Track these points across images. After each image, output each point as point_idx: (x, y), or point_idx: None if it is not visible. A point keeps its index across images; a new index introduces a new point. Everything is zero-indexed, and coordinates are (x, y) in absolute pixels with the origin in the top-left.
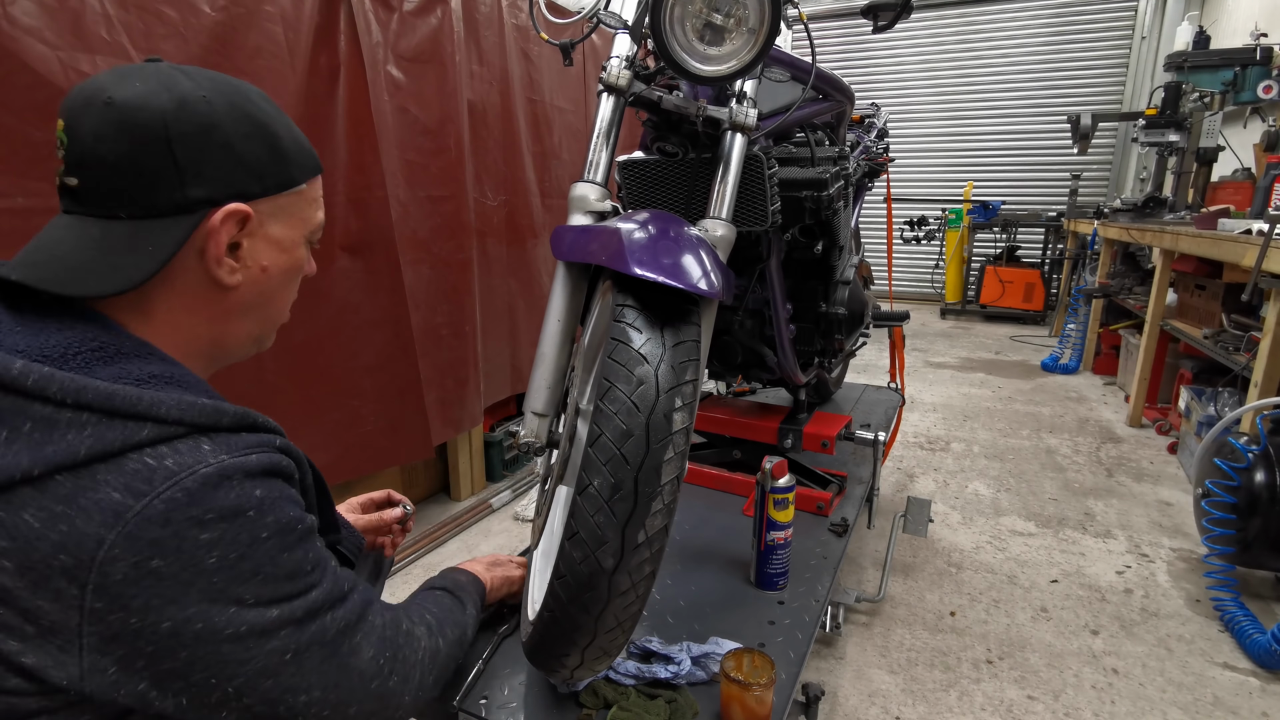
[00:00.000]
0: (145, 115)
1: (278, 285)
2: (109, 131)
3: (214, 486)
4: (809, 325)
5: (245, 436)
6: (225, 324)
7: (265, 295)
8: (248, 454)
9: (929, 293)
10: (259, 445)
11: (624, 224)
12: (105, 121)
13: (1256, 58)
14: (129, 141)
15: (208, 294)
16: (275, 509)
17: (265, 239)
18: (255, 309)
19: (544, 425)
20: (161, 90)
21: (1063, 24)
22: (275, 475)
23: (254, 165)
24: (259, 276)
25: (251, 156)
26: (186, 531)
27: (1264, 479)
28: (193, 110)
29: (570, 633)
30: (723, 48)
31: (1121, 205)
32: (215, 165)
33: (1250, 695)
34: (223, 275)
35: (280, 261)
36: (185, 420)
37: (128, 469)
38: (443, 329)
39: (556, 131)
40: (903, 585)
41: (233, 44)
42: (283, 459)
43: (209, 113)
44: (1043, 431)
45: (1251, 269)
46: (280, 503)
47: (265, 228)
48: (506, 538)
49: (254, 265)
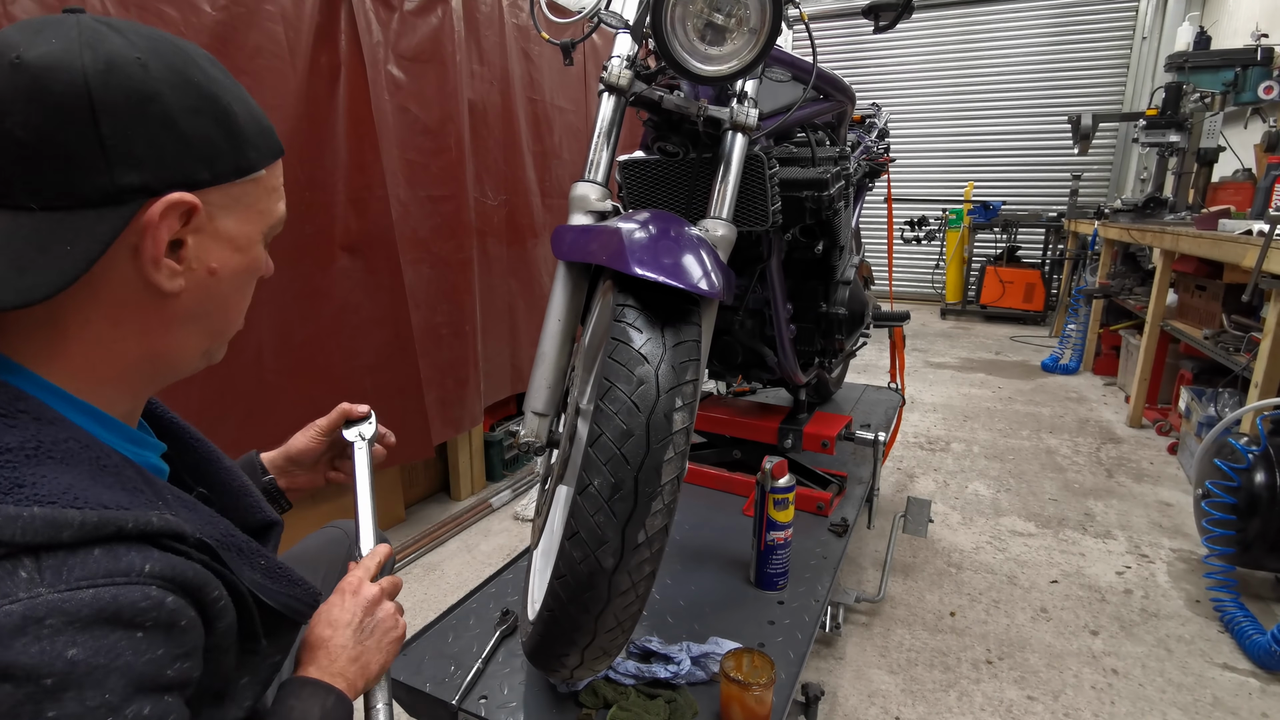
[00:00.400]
0: (63, 79)
1: (229, 290)
2: (18, 99)
3: (12, 632)
4: (809, 325)
5: (92, 559)
6: (162, 337)
7: (213, 302)
8: (79, 588)
9: (929, 293)
10: (109, 575)
11: (624, 224)
12: (12, 86)
13: (1257, 58)
14: (42, 112)
15: (140, 302)
16: (85, 683)
17: (215, 236)
18: (200, 318)
19: (544, 425)
20: (85, 49)
21: (1063, 24)
22: (118, 624)
23: (202, 146)
24: (206, 280)
25: (199, 135)
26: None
27: (1264, 480)
28: (125, 75)
29: (570, 632)
30: (724, 48)
31: (1122, 206)
32: (153, 145)
33: (1250, 696)
34: (161, 280)
35: (233, 262)
36: (2, 538)
37: None
38: (443, 329)
39: (557, 131)
40: (903, 585)
41: (233, 43)
42: (144, 596)
43: (145, 79)
44: (1043, 432)
45: (1252, 270)
46: (98, 676)
47: (215, 222)
48: (506, 537)
49: (200, 267)
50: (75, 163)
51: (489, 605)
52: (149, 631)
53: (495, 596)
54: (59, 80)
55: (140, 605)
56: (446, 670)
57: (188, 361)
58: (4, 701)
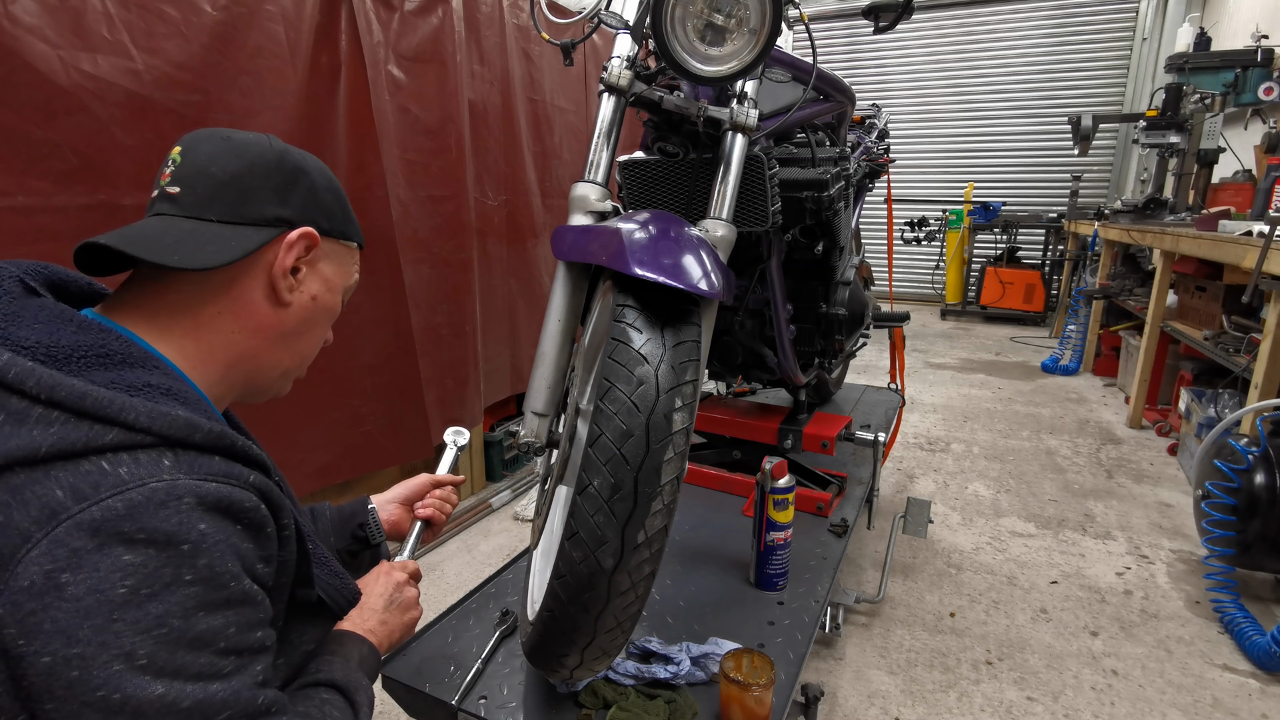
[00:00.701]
0: (257, 149)
1: (318, 319)
2: (223, 155)
3: (158, 505)
4: (809, 326)
5: (215, 461)
6: (265, 343)
7: (307, 324)
8: (207, 480)
9: (929, 293)
10: (226, 475)
11: (624, 224)
12: (222, 150)
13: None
14: (239, 164)
15: (261, 306)
16: (212, 553)
17: (319, 273)
18: (294, 336)
19: (544, 425)
20: (270, 139)
21: (1064, 25)
22: (230, 515)
23: (328, 210)
24: (308, 303)
25: (328, 203)
26: (111, 548)
27: (1264, 481)
28: (292, 155)
29: (570, 633)
30: (724, 48)
31: (1122, 207)
32: (300, 198)
33: (1250, 697)
34: (282, 289)
35: (325, 299)
36: (153, 429)
37: (81, 470)
38: (443, 329)
39: (557, 131)
40: (902, 586)
41: (234, 43)
42: (248, 499)
43: (304, 162)
44: (1043, 433)
45: (1252, 271)
46: (221, 549)
47: (322, 262)
48: (506, 537)
49: (306, 292)
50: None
51: (489, 605)
52: (246, 528)
53: (495, 597)
54: (255, 149)
55: (245, 505)
56: (446, 670)
57: (271, 376)
58: (149, 563)
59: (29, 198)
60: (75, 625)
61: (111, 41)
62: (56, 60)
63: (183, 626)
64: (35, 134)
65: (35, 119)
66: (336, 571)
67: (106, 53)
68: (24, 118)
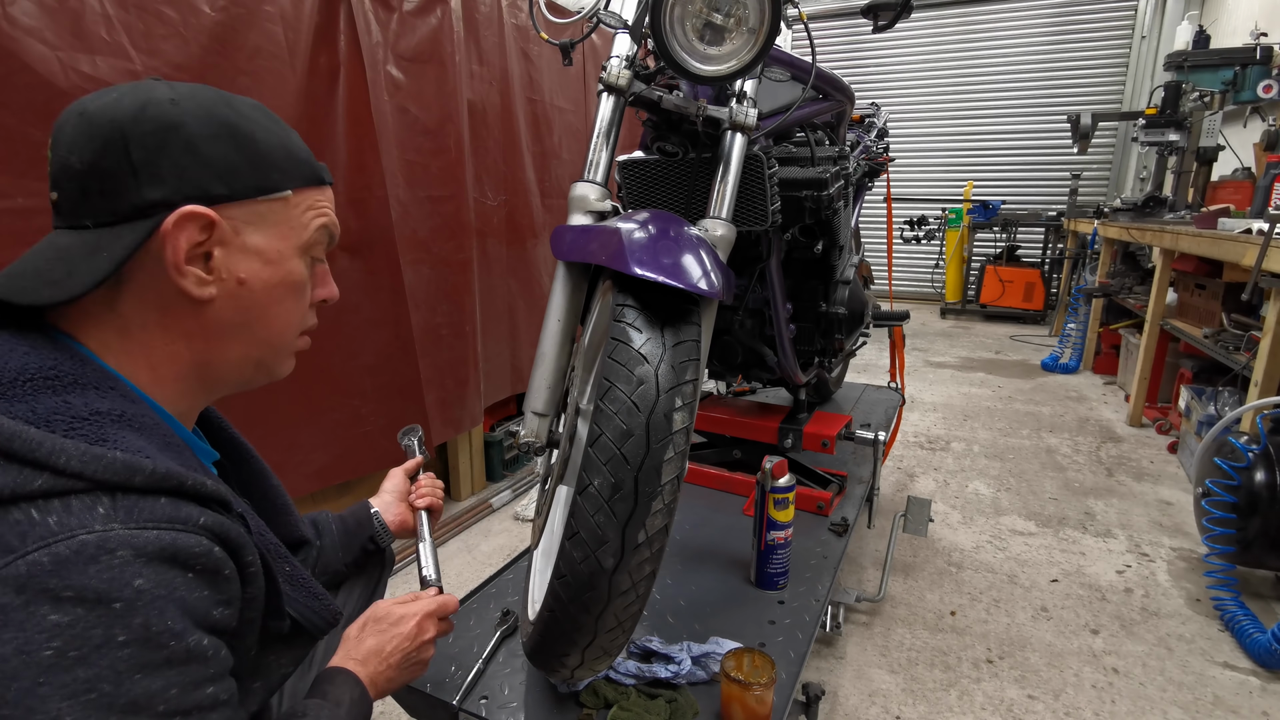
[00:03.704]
0: (107, 119)
1: (265, 301)
2: (79, 141)
3: (87, 560)
4: (809, 325)
5: (159, 505)
6: (208, 345)
7: (250, 312)
8: (146, 528)
9: (929, 292)
10: (171, 520)
11: (624, 224)
12: (78, 132)
13: (1256, 57)
14: (92, 149)
15: (181, 309)
16: (149, 611)
17: (241, 249)
18: (241, 328)
19: (544, 425)
20: (127, 96)
21: (1062, 23)
22: (176, 564)
23: (220, 166)
24: (236, 290)
25: (217, 157)
26: (37, 606)
27: (1264, 478)
28: (154, 111)
29: (570, 632)
30: (723, 47)
31: (1121, 205)
32: (174, 165)
33: (1250, 695)
34: (189, 285)
35: (263, 275)
36: (85, 474)
37: (10, 520)
38: (443, 329)
39: (556, 131)
40: (903, 585)
41: (233, 44)
42: (197, 543)
43: (172, 113)
44: (1043, 431)
45: (1251, 268)
46: (160, 605)
47: (241, 236)
48: (507, 538)
49: (229, 277)
50: (114, 184)
51: (489, 605)
52: (198, 575)
53: (495, 596)
54: (104, 120)
55: (194, 550)
56: (447, 670)
57: (237, 371)
58: (78, 623)
59: (29, 199)
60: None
61: (110, 43)
62: (55, 62)
63: (114, 692)
64: (34, 135)
65: (34, 120)
66: (315, 593)
67: (105, 54)
68: (23, 119)
